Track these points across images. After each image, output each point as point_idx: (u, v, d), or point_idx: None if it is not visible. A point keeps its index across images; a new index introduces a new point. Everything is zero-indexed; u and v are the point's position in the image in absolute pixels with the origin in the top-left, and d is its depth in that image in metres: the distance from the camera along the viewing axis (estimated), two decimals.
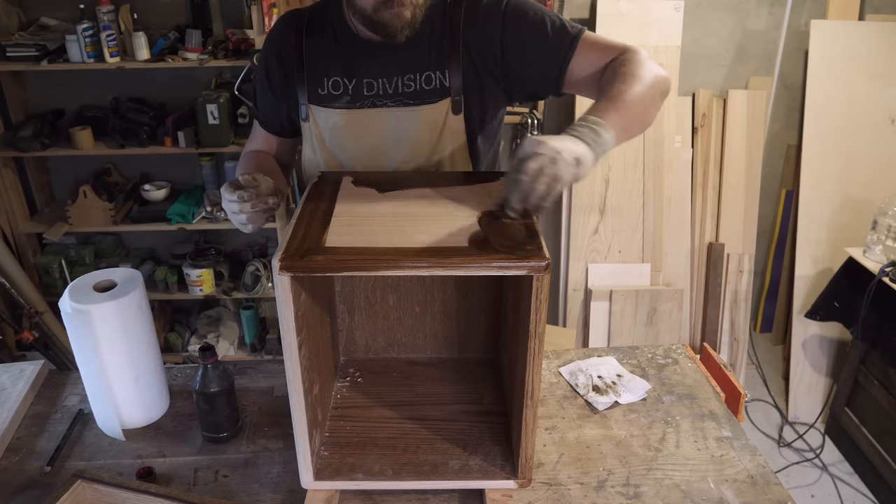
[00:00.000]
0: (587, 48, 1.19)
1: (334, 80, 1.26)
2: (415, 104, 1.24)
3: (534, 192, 0.91)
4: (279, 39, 1.30)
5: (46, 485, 1.08)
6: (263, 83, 1.34)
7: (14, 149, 2.66)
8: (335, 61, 1.25)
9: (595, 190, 2.80)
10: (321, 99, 1.27)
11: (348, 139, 1.28)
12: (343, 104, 1.26)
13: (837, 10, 2.76)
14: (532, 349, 0.92)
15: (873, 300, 2.30)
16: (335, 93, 1.26)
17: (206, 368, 1.11)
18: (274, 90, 1.32)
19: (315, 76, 1.26)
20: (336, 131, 1.27)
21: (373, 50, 1.23)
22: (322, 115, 1.27)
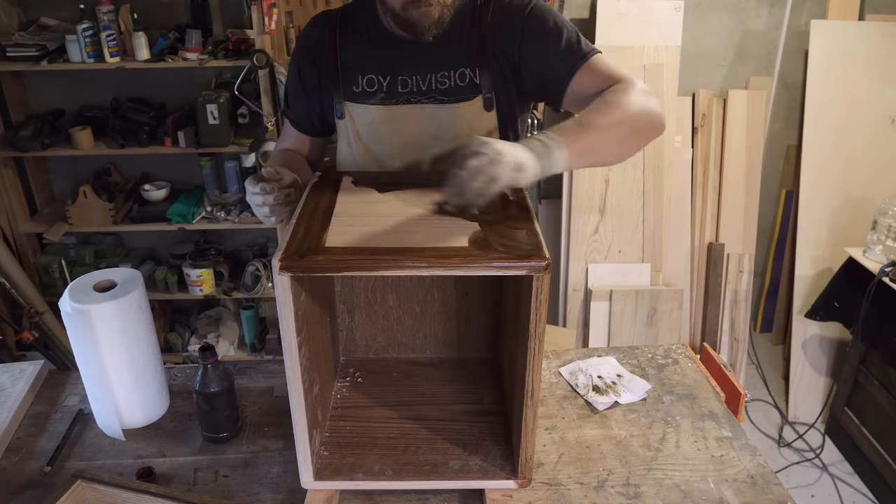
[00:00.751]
0: (591, 70, 1.20)
1: (369, 78, 1.27)
2: (450, 101, 1.26)
3: (469, 189, 0.94)
4: (312, 41, 1.32)
5: (46, 485, 1.08)
6: (296, 84, 1.35)
7: (14, 149, 2.66)
8: (369, 59, 1.27)
9: (595, 190, 2.80)
10: (356, 96, 1.28)
11: (385, 135, 1.29)
12: (378, 101, 1.28)
13: (837, 10, 2.76)
14: (532, 349, 0.92)
15: (873, 300, 2.30)
16: (370, 90, 1.27)
17: (206, 368, 1.11)
18: (307, 90, 1.34)
19: (350, 74, 1.28)
20: (374, 127, 1.29)
21: (406, 48, 1.24)
22: (359, 111, 1.29)
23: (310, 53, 1.31)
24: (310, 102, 1.35)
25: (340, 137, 1.34)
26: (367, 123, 1.29)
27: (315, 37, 1.32)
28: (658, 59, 2.73)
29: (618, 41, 2.71)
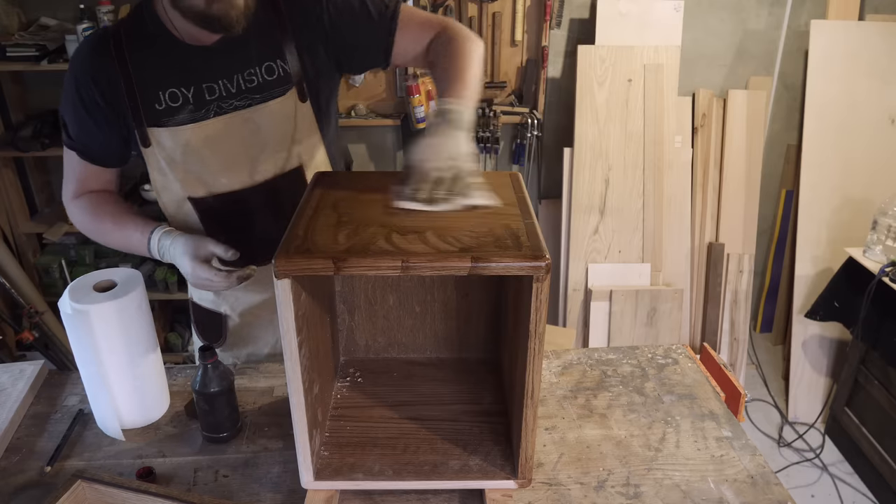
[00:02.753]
0: (410, 23, 1.25)
1: (171, 92, 1.18)
2: (262, 99, 1.21)
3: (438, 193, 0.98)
4: (95, 66, 1.18)
5: (46, 485, 1.08)
6: (85, 118, 1.21)
7: (14, 149, 2.66)
8: (167, 73, 1.18)
9: (595, 190, 2.80)
10: (160, 115, 1.19)
11: (205, 153, 1.22)
12: (187, 114, 1.19)
13: (837, 10, 2.76)
14: (532, 349, 0.92)
15: (873, 300, 2.30)
16: (174, 104, 1.19)
17: (206, 368, 1.11)
18: (103, 121, 1.21)
19: (148, 93, 1.18)
20: (189, 149, 1.21)
21: (204, 53, 1.18)
22: (166, 136, 1.20)
23: (94, 78, 1.17)
24: (103, 133, 1.22)
25: (150, 166, 1.25)
26: (180, 147, 1.21)
27: (97, 59, 1.17)
28: (658, 59, 2.73)
29: (618, 41, 2.71)
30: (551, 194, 3.06)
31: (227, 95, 1.21)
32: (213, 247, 1.18)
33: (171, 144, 1.21)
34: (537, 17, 2.74)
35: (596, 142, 2.76)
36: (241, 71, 1.20)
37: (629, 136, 2.76)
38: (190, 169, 1.24)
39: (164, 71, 1.19)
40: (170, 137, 1.21)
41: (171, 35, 1.17)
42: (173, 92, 1.19)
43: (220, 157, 1.24)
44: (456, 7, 2.68)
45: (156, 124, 1.20)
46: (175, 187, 1.27)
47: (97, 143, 1.24)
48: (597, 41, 2.71)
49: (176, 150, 1.22)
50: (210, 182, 1.26)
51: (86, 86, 1.19)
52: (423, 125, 2.74)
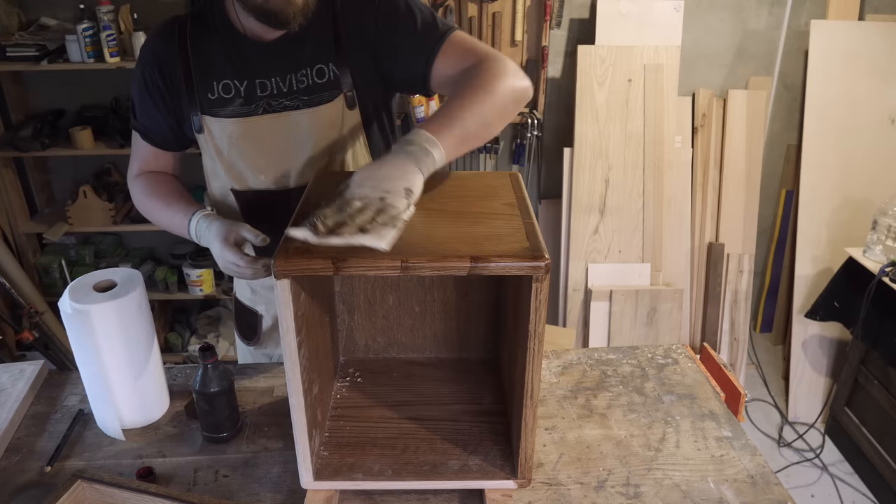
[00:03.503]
0: (453, 48, 1.16)
1: (224, 84, 1.21)
2: (310, 102, 1.21)
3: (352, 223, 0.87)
4: (159, 50, 1.23)
5: (46, 485, 1.08)
6: (147, 100, 1.26)
7: (14, 149, 2.66)
8: (223, 64, 1.21)
9: (595, 190, 2.80)
10: (212, 105, 1.22)
11: (247, 148, 1.24)
12: (237, 107, 1.22)
13: (837, 10, 2.76)
14: (532, 349, 0.92)
15: (873, 300, 2.30)
16: (226, 96, 1.21)
17: (206, 368, 1.11)
18: (157, 102, 1.26)
19: (204, 81, 1.22)
20: (233, 141, 1.24)
21: (261, 48, 1.20)
22: (216, 125, 1.23)
23: (158, 62, 1.23)
24: (162, 115, 1.27)
25: (203, 152, 1.29)
26: (225, 138, 1.24)
27: (163, 44, 1.23)
28: (658, 59, 2.73)
29: (618, 41, 2.71)
30: (551, 194, 3.06)
31: (278, 94, 1.22)
32: (245, 232, 1.17)
33: (220, 134, 1.24)
34: (537, 17, 2.74)
35: (596, 142, 2.76)
36: (294, 71, 1.21)
37: (629, 136, 2.76)
38: (233, 162, 1.27)
39: (220, 62, 1.21)
40: (219, 128, 1.24)
41: (234, 28, 1.20)
42: (227, 83, 1.22)
43: (262, 156, 1.25)
44: (456, 7, 2.68)
45: (208, 113, 1.23)
46: (222, 176, 1.29)
47: (157, 125, 1.29)
48: (597, 41, 2.71)
49: (223, 141, 1.25)
50: (249, 178, 1.28)
51: (150, 69, 1.24)
52: None
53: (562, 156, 2.83)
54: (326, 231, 0.86)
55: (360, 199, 0.88)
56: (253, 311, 1.49)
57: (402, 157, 0.95)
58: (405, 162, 0.95)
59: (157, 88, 1.24)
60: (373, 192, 0.89)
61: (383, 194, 0.89)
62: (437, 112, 1.04)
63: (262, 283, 1.44)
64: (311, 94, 1.22)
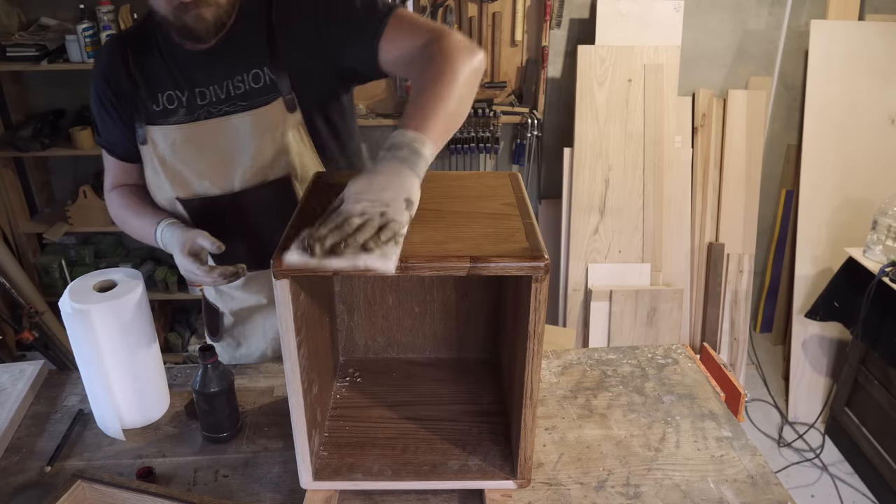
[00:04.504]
0: (397, 27, 1.15)
1: (168, 95, 1.24)
2: (248, 106, 1.22)
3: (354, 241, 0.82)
4: (107, 68, 1.27)
5: (46, 485, 1.08)
6: (105, 117, 1.30)
7: (14, 149, 2.66)
8: (165, 76, 1.24)
9: (595, 190, 2.80)
10: (157, 116, 1.25)
11: (189, 154, 1.25)
12: (181, 117, 1.24)
13: (837, 10, 2.76)
14: (531, 349, 0.92)
15: (873, 300, 2.30)
16: (170, 107, 1.24)
17: (206, 368, 1.11)
18: (118, 119, 1.28)
19: (149, 94, 1.24)
20: (176, 148, 1.25)
21: (197, 58, 1.22)
22: (159, 134, 1.25)
23: (107, 79, 1.26)
24: (120, 129, 1.30)
25: (146, 164, 1.30)
26: (168, 146, 1.25)
27: (109, 61, 1.26)
28: (658, 59, 2.73)
29: (618, 41, 2.71)
30: (551, 194, 3.06)
31: (217, 101, 1.23)
32: (202, 240, 1.19)
33: (163, 144, 1.26)
34: (537, 17, 2.74)
35: (596, 142, 2.76)
36: (231, 77, 1.22)
37: (629, 136, 2.76)
38: (178, 169, 1.27)
39: (163, 74, 1.24)
40: (162, 136, 1.25)
41: (172, 41, 1.23)
42: (170, 94, 1.24)
43: (204, 161, 1.25)
44: (456, 7, 2.68)
45: (153, 123, 1.25)
46: (166, 187, 1.29)
47: (116, 139, 1.31)
48: (597, 41, 2.71)
49: (166, 149, 1.26)
50: (194, 184, 1.27)
51: (101, 85, 1.28)
52: None
53: (562, 156, 2.83)
54: (323, 253, 0.82)
55: (359, 215, 0.83)
56: (215, 308, 1.51)
57: (396, 164, 0.90)
58: (400, 169, 0.90)
59: (110, 104, 1.28)
60: (372, 206, 0.84)
61: (384, 208, 0.85)
62: (411, 106, 1.00)
63: None
64: (248, 100, 1.22)
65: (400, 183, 0.89)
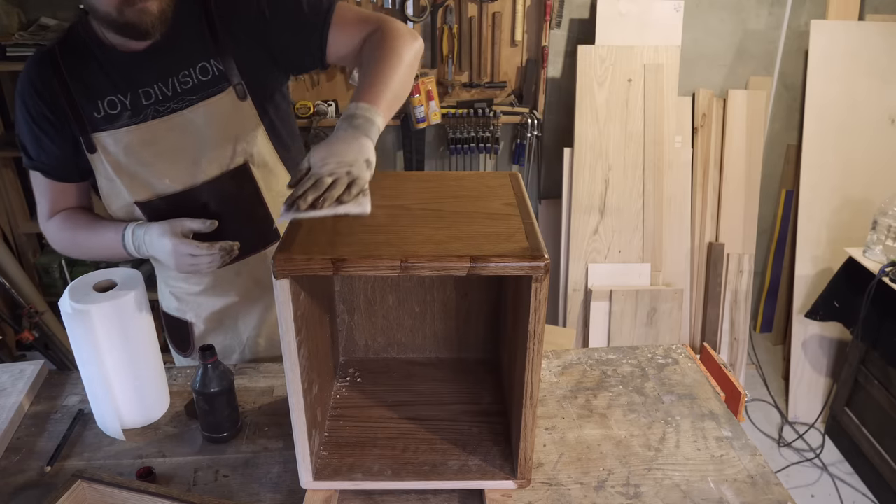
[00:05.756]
0: (344, 20, 1.22)
1: (109, 100, 1.21)
2: (198, 99, 1.21)
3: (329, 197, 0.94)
4: (36, 82, 1.21)
5: (46, 485, 1.08)
6: (39, 134, 1.23)
7: (14, 149, 2.65)
8: (103, 81, 1.20)
9: (595, 190, 2.80)
10: (101, 122, 1.21)
11: (146, 155, 1.23)
12: (126, 120, 1.21)
13: (837, 10, 2.76)
14: (531, 349, 0.92)
15: (873, 300, 2.30)
16: (113, 112, 1.21)
17: (206, 368, 1.11)
18: (56, 134, 1.23)
19: (88, 102, 1.21)
20: (130, 151, 1.22)
21: (136, 59, 1.19)
22: (110, 140, 1.22)
23: (38, 94, 1.21)
24: (58, 145, 1.23)
25: (98, 174, 1.26)
26: (122, 150, 1.22)
27: (38, 75, 1.21)
28: (658, 59, 2.73)
29: (618, 41, 2.71)
30: (551, 194, 3.06)
31: (164, 99, 1.21)
32: (189, 222, 1.19)
33: (115, 148, 1.23)
34: (537, 17, 2.74)
35: (596, 142, 2.76)
36: (176, 73, 1.21)
37: (629, 136, 2.76)
38: (134, 172, 1.24)
39: (100, 80, 1.20)
40: (112, 142, 1.22)
41: (104, 45, 1.19)
42: (111, 100, 1.21)
43: (162, 159, 1.24)
44: (456, 7, 2.68)
45: (97, 130, 1.22)
46: (123, 193, 1.26)
47: (54, 157, 1.25)
48: (597, 41, 2.71)
49: (119, 154, 1.23)
50: (155, 184, 1.25)
51: (32, 101, 1.22)
52: (424, 125, 2.74)
53: (562, 156, 2.83)
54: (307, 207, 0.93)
55: (328, 175, 0.94)
56: (182, 321, 1.46)
57: (353, 131, 1.01)
58: (357, 135, 1.00)
59: (45, 120, 1.22)
60: (338, 167, 0.95)
61: (349, 168, 0.96)
62: (362, 82, 1.10)
63: (186, 291, 1.42)
64: (197, 93, 1.22)
65: (359, 147, 0.99)
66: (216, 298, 1.41)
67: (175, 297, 1.45)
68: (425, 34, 2.73)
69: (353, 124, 1.02)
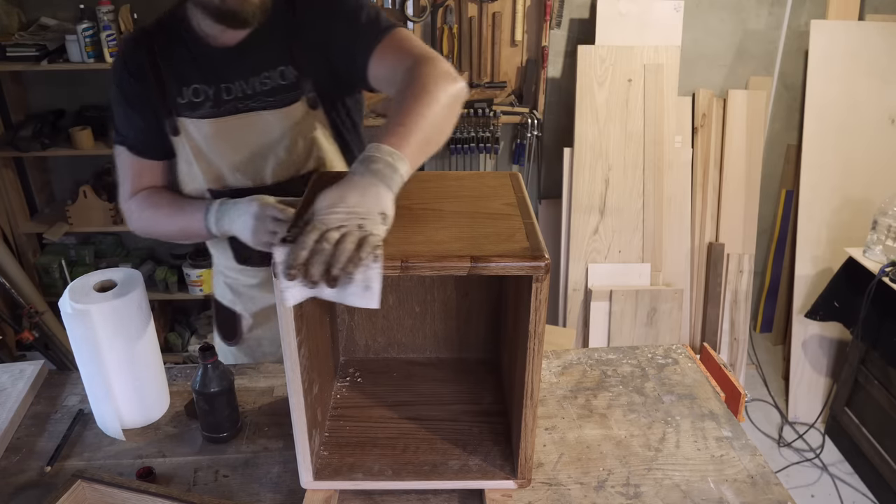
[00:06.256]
0: (390, 46, 1.15)
1: (194, 88, 1.24)
2: (274, 103, 1.23)
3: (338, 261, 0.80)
4: (131, 59, 1.25)
5: (46, 485, 1.08)
6: (129, 111, 1.27)
7: (14, 149, 2.66)
8: (192, 70, 1.23)
9: (595, 190, 2.80)
10: (184, 108, 1.25)
11: (223, 147, 1.26)
12: (207, 110, 1.24)
13: (837, 10, 2.76)
14: (532, 349, 0.92)
15: (873, 300, 2.30)
16: (196, 100, 1.24)
17: (206, 368, 1.11)
18: (147, 110, 1.26)
19: (175, 87, 1.24)
20: (209, 141, 1.26)
21: (225, 54, 1.22)
22: (192, 126, 1.25)
23: (131, 71, 1.25)
24: (147, 122, 1.27)
25: (179, 156, 1.29)
26: (202, 137, 1.25)
27: (133, 54, 1.25)
28: (658, 59, 2.73)
29: (618, 41, 2.71)
30: (551, 194, 3.06)
31: (244, 97, 1.24)
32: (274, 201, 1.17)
33: (196, 135, 1.26)
34: (537, 17, 2.74)
35: (596, 142, 2.76)
36: (258, 73, 1.23)
37: (629, 136, 2.76)
38: (210, 160, 1.28)
39: (189, 68, 1.24)
40: (195, 128, 1.25)
41: (198, 36, 1.23)
42: (196, 88, 1.24)
43: (237, 153, 1.27)
44: (456, 7, 2.68)
45: (180, 115, 1.25)
46: (199, 177, 1.30)
47: (141, 133, 1.28)
48: (597, 41, 2.71)
49: (199, 140, 1.26)
50: (227, 176, 1.29)
51: (125, 79, 1.26)
52: None
53: (562, 156, 2.83)
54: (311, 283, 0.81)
55: (336, 228, 0.82)
56: (232, 312, 1.49)
57: (370, 177, 0.87)
58: (374, 183, 0.87)
59: (134, 96, 1.26)
60: (348, 218, 0.83)
61: (361, 221, 0.83)
62: (388, 124, 0.97)
63: (242, 283, 1.44)
64: (275, 96, 1.23)
65: (375, 196, 0.86)
66: (270, 294, 1.42)
67: (230, 288, 1.47)
68: (425, 34, 2.73)
69: (372, 169, 0.88)
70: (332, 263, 0.79)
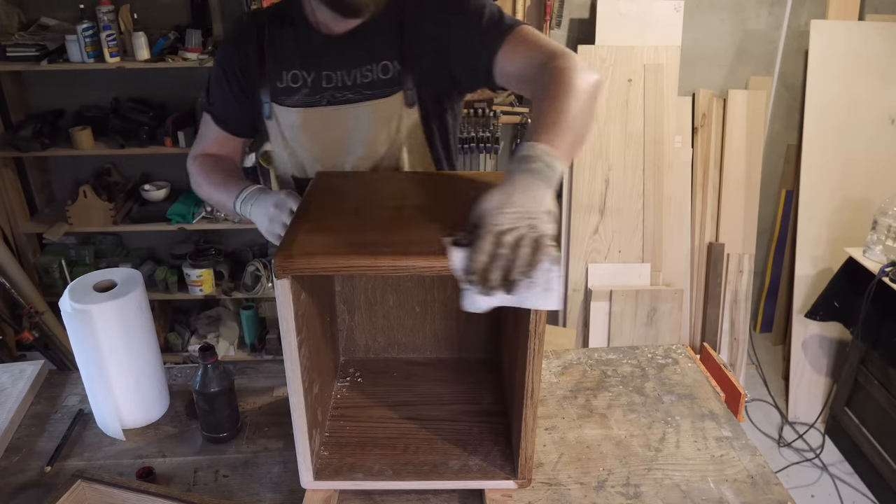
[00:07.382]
0: (518, 42, 1.14)
1: (293, 73, 1.26)
2: (371, 96, 1.24)
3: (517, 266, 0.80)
4: (240, 36, 1.30)
5: (46, 485, 1.08)
6: (225, 88, 1.33)
7: (14, 149, 2.66)
8: (295, 55, 1.26)
9: (595, 190, 2.80)
10: (280, 93, 1.27)
11: (305, 137, 1.28)
12: (302, 97, 1.26)
13: (837, 10, 2.76)
14: (532, 349, 0.92)
15: (873, 300, 2.30)
16: (294, 85, 1.26)
17: (206, 368, 1.11)
18: (240, 93, 1.32)
19: (275, 70, 1.27)
20: (294, 130, 1.28)
21: (331, 42, 1.24)
22: (282, 113, 1.28)
23: (237, 53, 1.30)
24: (239, 102, 1.33)
25: (272, 139, 1.33)
26: (288, 126, 1.28)
27: (243, 32, 1.30)
28: (658, 59, 2.73)
29: (618, 41, 2.71)
30: None
31: (343, 87, 1.25)
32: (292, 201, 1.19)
33: (285, 123, 1.29)
34: (537, 17, 2.74)
35: (596, 142, 2.76)
36: (360, 66, 1.24)
37: (629, 136, 2.76)
38: (294, 149, 1.31)
39: (292, 53, 1.26)
40: (284, 116, 1.28)
41: (308, 22, 1.25)
42: (295, 73, 1.26)
43: (318, 145, 1.28)
44: None
45: (275, 101, 1.28)
46: (286, 163, 1.33)
47: (230, 109, 1.35)
48: (597, 41, 2.71)
49: (287, 128, 1.29)
50: (308, 166, 1.31)
51: (228, 56, 1.31)
52: None
53: None
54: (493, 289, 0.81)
55: (508, 230, 0.81)
56: None
57: (529, 176, 0.87)
58: (535, 182, 0.86)
59: (233, 75, 1.31)
60: (519, 219, 0.81)
61: (531, 221, 0.82)
62: (538, 120, 0.98)
63: None
64: (373, 89, 1.24)
65: (540, 195, 0.85)
66: None
67: None
68: None
69: (531, 168, 0.87)
70: (509, 269, 0.79)
